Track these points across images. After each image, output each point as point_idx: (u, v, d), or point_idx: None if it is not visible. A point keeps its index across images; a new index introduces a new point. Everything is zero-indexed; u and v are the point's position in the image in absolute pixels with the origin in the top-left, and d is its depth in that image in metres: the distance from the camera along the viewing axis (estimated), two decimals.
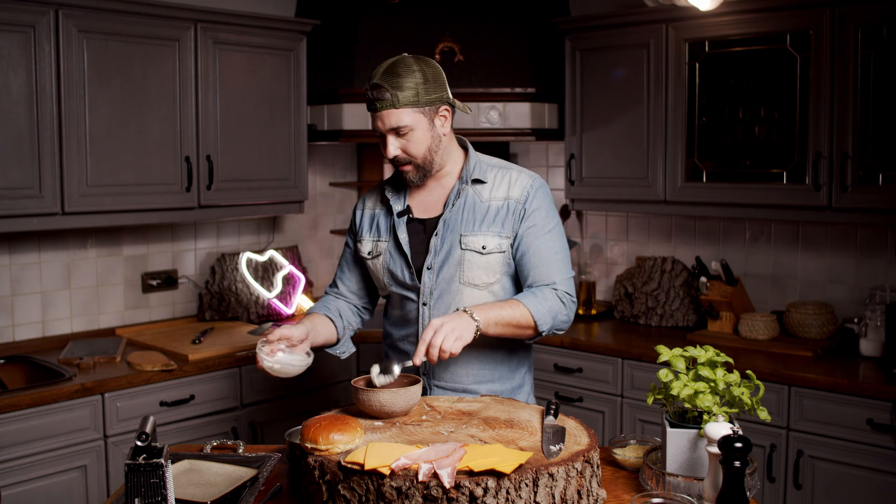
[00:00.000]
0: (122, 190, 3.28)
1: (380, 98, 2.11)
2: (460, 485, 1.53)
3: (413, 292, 2.25)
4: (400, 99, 2.10)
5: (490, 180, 2.25)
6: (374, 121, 2.16)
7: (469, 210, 2.23)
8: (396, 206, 2.28)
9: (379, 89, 2.10)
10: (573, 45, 3.85)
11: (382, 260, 2.29)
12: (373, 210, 2.36)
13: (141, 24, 3.26)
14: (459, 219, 2.22)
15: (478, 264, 2.20)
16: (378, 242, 2.31)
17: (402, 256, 2.25)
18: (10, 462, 2.80)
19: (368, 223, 2.35)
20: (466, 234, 2.21)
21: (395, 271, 2.26)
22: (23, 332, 3.44)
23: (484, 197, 2.24)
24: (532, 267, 2.20)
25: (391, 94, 2.10)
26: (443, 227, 2.22)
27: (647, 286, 3.94)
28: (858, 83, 3.09)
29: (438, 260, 2.21)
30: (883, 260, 3.45)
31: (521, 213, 2.21)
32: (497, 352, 2.26)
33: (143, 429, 1.58)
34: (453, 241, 2.21)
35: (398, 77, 2.10)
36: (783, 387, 3.09)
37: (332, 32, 4.04)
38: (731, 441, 1.51)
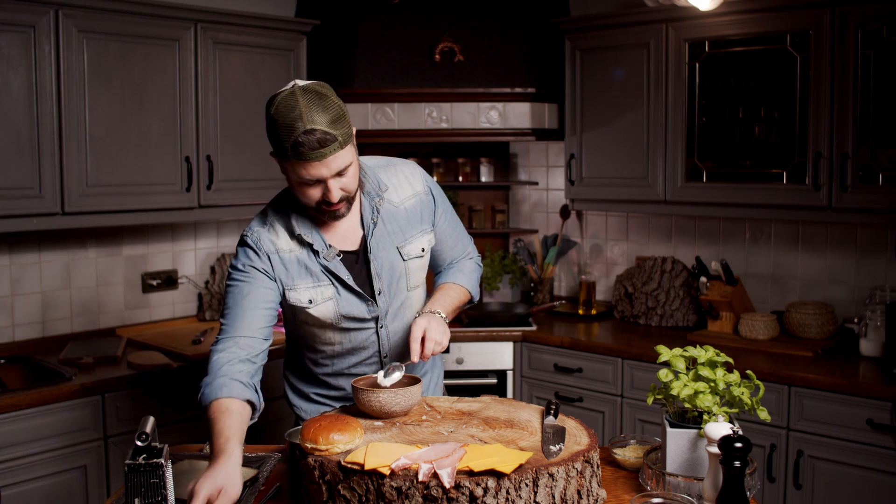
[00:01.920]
0: (122, 190, 3.28)
1: (325, 143, 1.88)
2: (460, 485, 1.53)
3: (370, 322, 2.16)
4: (342, 137, 1.91)
5: (389, 183, 2.18)
6: (310, 169, 1.91)
7: (390, 221, 2.16)
8: (320, 248, 2.08)
9: (325, 134, 1.87)
10: (573, 45, 3.85)
11: (332, 305, 2.10)
12: (290, 253, 2.09)
13: (141, 24, 3.26)
14: (385, 233, 2.14)
15: (418, 266, 2.22)
16: (318, 288, 2.09)
17: (355, 294, 2.11)
18: (10, 462, 2.80)
19: (295, 268, 2.08)
20: (402, 244, 2.17)
21: (351, 311, 2.12)
22: (23, 332, 3.44)
23: (395, 201, 2.17)
24: (451, 247, 2.34)
25: (334, 136, 1.89)
26: (377, 248, 2.13)
27: (647, 286, 3.94)
28: (858, 83, 3.09)
29: (385, 281, 2.15)
30: (883, 260, 3.45)
31: (431, 201, 2.24)
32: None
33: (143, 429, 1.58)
34: (392, 257, 2.15)
35: (328, 112, 1.89)
36: (783, 387, 3.09)
37: (332, 32, 4.04)
38: (731, 441, 1.51)
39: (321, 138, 1.88)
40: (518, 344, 3.78)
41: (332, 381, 2.27)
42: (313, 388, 2.31)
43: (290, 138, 1.88)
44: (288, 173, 2.01)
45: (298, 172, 1.94)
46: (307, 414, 2.31)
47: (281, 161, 1.99)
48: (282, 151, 1.93)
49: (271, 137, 1.95)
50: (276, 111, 1.91)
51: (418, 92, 3.94)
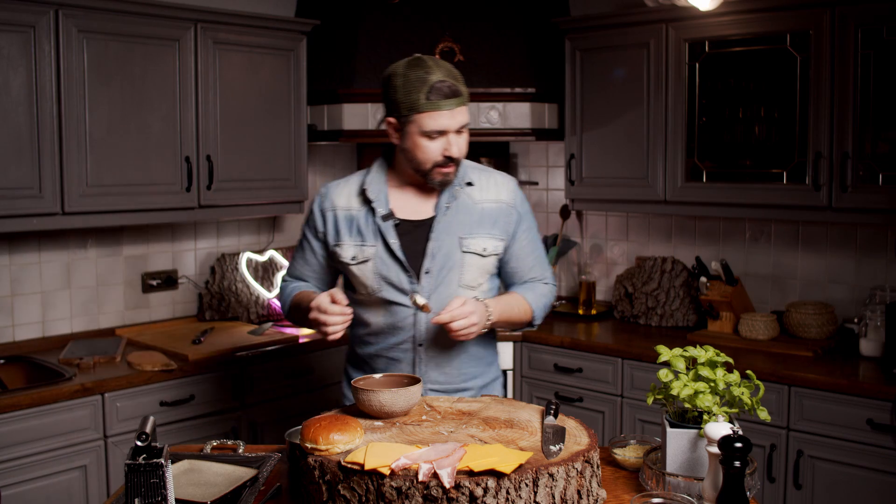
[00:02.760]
0: (122, 190, 3.28)
1: (457, 94, 2.10)
2: (460, 485, 1.53)
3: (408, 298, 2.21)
4: (466, 96, 2.13)
5: (477, 182, 2.26)
6: (440, 119, 2.10)
7: (464, 212, 2.23)
8: (380, 209, 2.22)
9: (453, 85, 2.09)
10: (573, 45, 3.85)
11: (372, 266, 2.21)
12: (348, 211, 2.26)
13: (141, 24, 3.26)
14: (455, 221, 2.21)
15: (476, 266, 2.23)
16: (363, 247, 2.22)
17: (397, 262, 2.20)
18: (10, 462, 2.80)
19: (346, 226, 2.25)
20: (465, 236, 2.21)
21: (390, 277, 2.21)
22: (23, 332, 3.44)
23: (475, 199, 2.25)
24: (529, 267, 2.33)
25: (462, 91, 2.11)
26: (439, 230, 2.21)
27: (647, 286, 3.94)
28: (858, 83, 3.09)
29: (437, 264, 2.20)
30: (883, 260, 3.45)
31: (515, 216, 2.28)
32: (478, 348, 2.32)
33: (143, 429, 1.58)
34: (451, 244, 2.21)
35: (457, 75, 2.13)
36: (783, 387, 3.09)
37: (332, 32, 4.04)
38: (731, 441, 1.51)
39: (453, 88, 2.09)
40: (518, 344, 3.78)
41: (374, 363, 2.30)
42: (359, 374, 2.33)
43: (424, 87, 2.08)
44: (409, 132, 2.14)
45: (425, 124, 2.10)
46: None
47: (405, 119, 2.13)
48: (412, 104, 2.10)
49: (398, 95, 2.12)
50: (406, 69, 2.12)
51: None
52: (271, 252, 4.10)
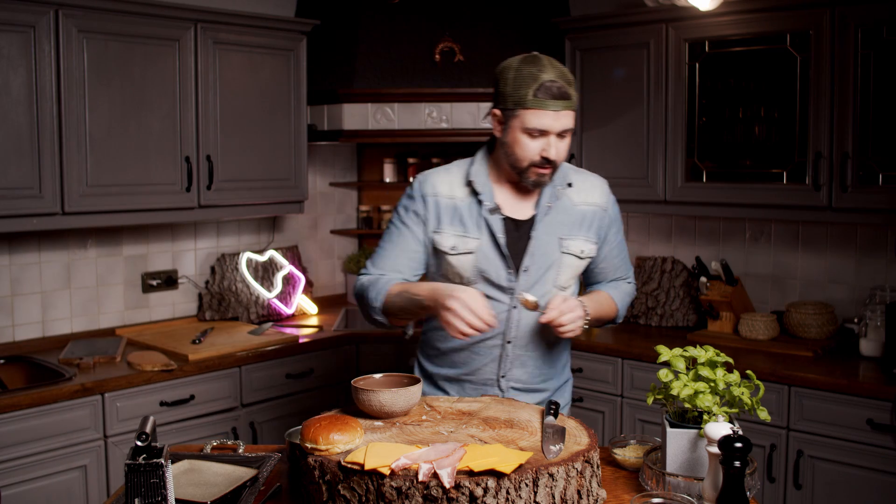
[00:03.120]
0: (122, 190, 3.28)
1: (566, 96, 2.06)
2: (460, 485, 1.53)
3: (504, 294, 2.19)
4: (575, 101, 2.09)
5: (575, 184, 2.26)
6: (543, 118, 2.06)
7: (564, 213, 2.22)
8: (487, 202, 2.18)
9: (563, 87, 2.05)
10: (573, 45, 3.85)
11: (473, 258, 2.17)
12: (451, 200, 2.20)
13: (141, 24, 3.26)
14: (556, 221, 2.21)
15: (572, 267, 2.24)
16: (465, 238, 2.17)
17: (501, 257, 2.17)
18: (10, 462, 2.80)
19: (449, 214, 2.19)
20: (565, 237, 2.21)
21: (489, 271, 2.17)
22: (23, 332, 3.44)
23: (575, 201, 2.24)
24: (616, 267, 2.37)
25: (571, 94, 2.07)
26: (540, 229, 2.19)
27: (647, 286, 3.94)
28: (858, 83, 3.09)
29: (536, 262, 2.19)
30: (883, 260, 3.45)
31: (607, 219, 2.29)
32: (556, 350, 2.33)
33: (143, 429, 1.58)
34: (551, 245, 2.20)
35: (569, 79, 2.08)
36: (783, 387, 3.09)
37: (332, 32, 4.04)
38: (731, 441, 1.51)
39: (562, 90, 2.05)
40: None
41: (457, 358, 2.27)
42: (439, 369, 2.32)
43: (534, 84, 2.04)
44: (512, 127, 2.12)
45: (528, 120, 2.07)
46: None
47: (510, 112, 2.11)
48: (519, 99, 2.07)
49: (507, 88, 2.10)
50: (521, 64, 2.08)
51: (418, 92, 3.94)
52: (271, 252, 4.10)
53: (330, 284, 4.54)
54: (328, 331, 3.80)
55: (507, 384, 2.25)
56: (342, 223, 4.58)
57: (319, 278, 4.47)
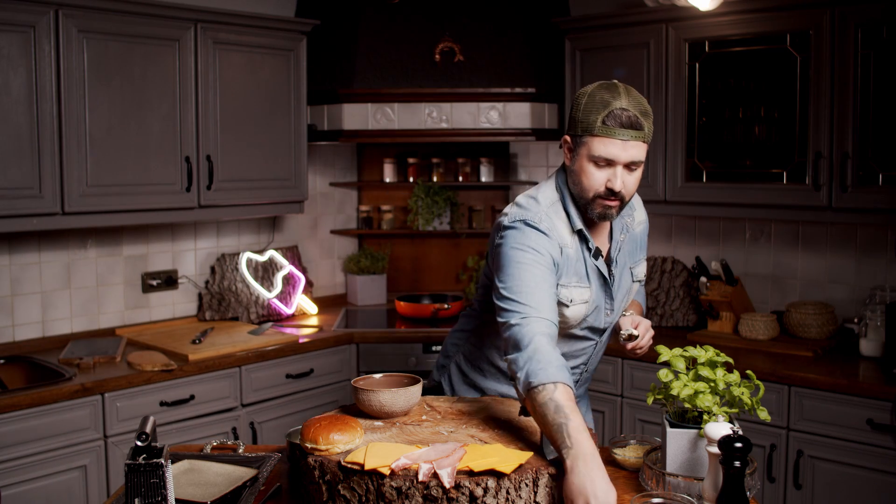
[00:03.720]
0: (122, 190, 3.28)
1: (637, 126, 1.93)
2: (460, 485, 1.53)
3: (597, 333, 2.17)
4: (647, 134, 1.96)
5: (633, 205, 2.22)
6: (611, 146, 1.94)
7: (630, 242, 2.18)
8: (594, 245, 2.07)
9: (634, 117, 1.93)
10: (573, 45, 3.85)
11: (584, 308, 2.07)
12: (569, 249, 2.04)
13: (141, 24, 3.26)
14: (625, 251, 2.17)
15: (635, 291, 2.25)
16: (580, 289, 2.05)
17: (608, 299, 2.11)
18: (10, 462, 2.80)
19: (571, 265, 2.04)
20: (633, 265, 2.20)
21: (593, 319, 2.11)
22: (23, 332, 3.44)
23: (633, 224, 2.20)
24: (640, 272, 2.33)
25: (645, 127, 1.95)
26: (620, 264, 2.14)
27: (648, 286, 3.94)
28: (858, 83, 3.09)
29: (619, 296, 2.16)
30: (883, 260, 3.45)
31: (646, 232, 2.29)
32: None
33: (143, 429, 1.58)
34: (624, 274, 2.17)
35: (646, 110, 1.96)
36: (783, 387, 3.09)
37: (332, 32, 4.04)
38: (731, 441, 1.51)
39: (633, 120, 1.93)
40: None
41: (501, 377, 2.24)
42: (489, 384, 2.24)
43: (604, 111, 1.93)
44: (580, 154, 1.99)
45: (595, 149, 1.95)
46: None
47: (578, 139, 1.99)
48: (588, 125, 1.95)
49: (579, 114, 1.98)
50: (595, 90, 1.98)
51: (418, 92, 3.94)
52: (271, 252, 4.10)
53: (330, 284, 4.54)
54: (328, 331, 3.80)
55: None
56: (342, 223, 4.58)
57: (319, 278, 4.47)
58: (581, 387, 2.31)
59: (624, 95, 1.95)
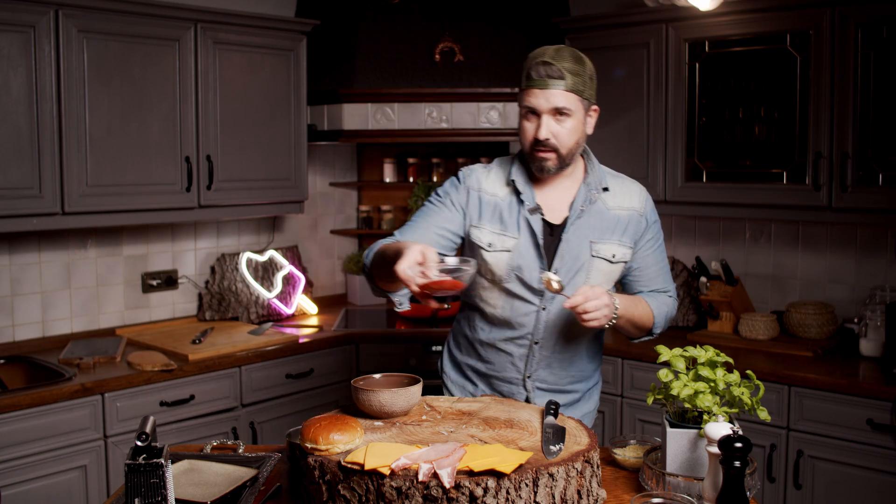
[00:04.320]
0: (122, 190, 3.28)
1: (550, 75, 2.06)
2: (460, 485, 1.53)
3: (534, 294, 2.19)
4: (569, 81, 2.07)
5: (612, 189, 2.25)
6: (533, 97, 2.09)
7: (597, 217, 2.21)
8: (528, 202, 2.18)
9: (550, 66, 2.06)
10: (573, 46, 3.84)
11: (509, 256, 2.17)
12: (494, 197, 2.21)
13: (141, 24, 3.26)
14: (588, 225, 2.20)
15: (603, 272, 2.22)
16: (503, 236, 2.18)
17: (538, 258, 2.17)
18: (10, 462, 2.80)
19: (490, 211, 2.20)
20: (596, 241, 2.20)
21: (523, 271, 2.17)
22: (23, 332, 3.44)
23: (609, 205, 2.23)
24: (653, 277, 2.32)
25: (561, 74, 2.06)
26: (572, 232, 2.19)
27: None
28: (858, 83, 3.09)
29: (566, 265, 2.18)
30: (883, 260, 3.45)
31: (643, 224, 2.27)
32: (589, 352, 2.33)
33: (143, 429, 1.58)
34: (582, 248, 2.19)
35: (569, 62, 2.08)
36: (783, 387, 3.09)
37: (332, 32, 4.04)
38: (731, 441, 1.51)
39: (551, 70, 2.06)
40: None
41: (483, 352, 2.29)
42: (466, 358, 2.34)
43: (528, 66, 2.10)
44: (519, 114, 2.17)
45: (523, 101, 2.12)
46: (453, 384, 2.38)
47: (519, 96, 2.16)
48: (520, 83, 2.14)
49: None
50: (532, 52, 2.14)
51: (418, 92, 3.94)
52: (271, 252, 4.10)
53: (330, 284, 4.54)
54: (328, 331, 3.80)
55: (533, 384, 2.26)
56: (342, 223, 4.58)
57: (319, 278, 4.47)
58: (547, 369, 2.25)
59: (551, 51, 2.09)
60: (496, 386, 2.29)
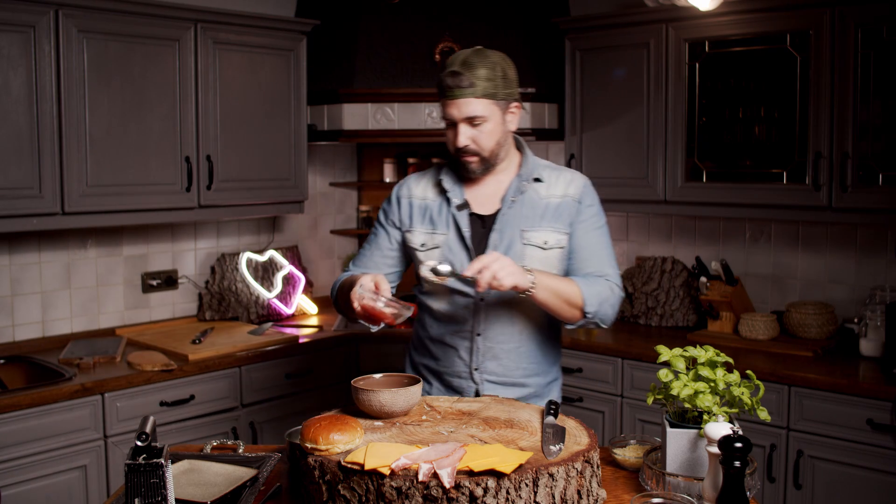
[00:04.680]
0: (122, 190, 3.28)
1: (458, 85, 2.11)
2: (460, 485, 1.53)
3: (470, 287, 2.21)
4: (479, 88, 2.12)
5: (546, 179, 2.28)
6: (447, 108, 2.16)
7: (528, 206, 2.25)
8: (455, 199, 2.26)
9: (458, 76, 2.11)
10: (573, 45, 3.85)
11: (439, 253, 2.25)
12: (423, 200, 2.31)
13: (141, 24, 3.26)
14: (519, 214, 2.24)
15: (538, 259, 2.23)
16: (433, 234, 2.27)
17: (465, 250, 2.23)
18: (10, 462, 2.80)
19: (420, 213, 2.30)
20: (527, 229, 2.23)
21: (454, 265, 2.22)
22: (23, 332, 3.44)
23: (542, 194, 2.26)
24: (585, 259, 2.27)
25: (470, 83, 2.11)
26: (502, 222, 2.23)
27: (647, 286, 3.94)
28: (858, 83, 3.09)
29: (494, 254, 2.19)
30: (883, 260, 3.45)
31: (577, 208, 2.27)
32: (542, 346, 2.32)
33: (143, 429, 1.58)
34: (513, 237, 2.22)
35: (477, 67, 2.12)
36: (783, 387, 3.09)
37: (332, 32, 4.04)
38: (731, 441, 1.51)
39: (458, 80, 2.11)
40: None
41: (433, 349, 2.33)
42: (421, 358, 2.40)
43: (441, 75, 2.15)
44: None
45: (442, 112, 2.20)
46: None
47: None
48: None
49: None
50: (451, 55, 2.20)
51: (418, 92, 3.94)
52: (271, 252, 4.10)
53: (330, 284, 4.51)
54: (328, 331, 3.80)
55: (482, 377, 2.27)
56: (342, 223, 4.58)
57: (319, 278, 4.47)
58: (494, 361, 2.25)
59: (461, 59, 2.14)
60: (448, 382, 2.32)
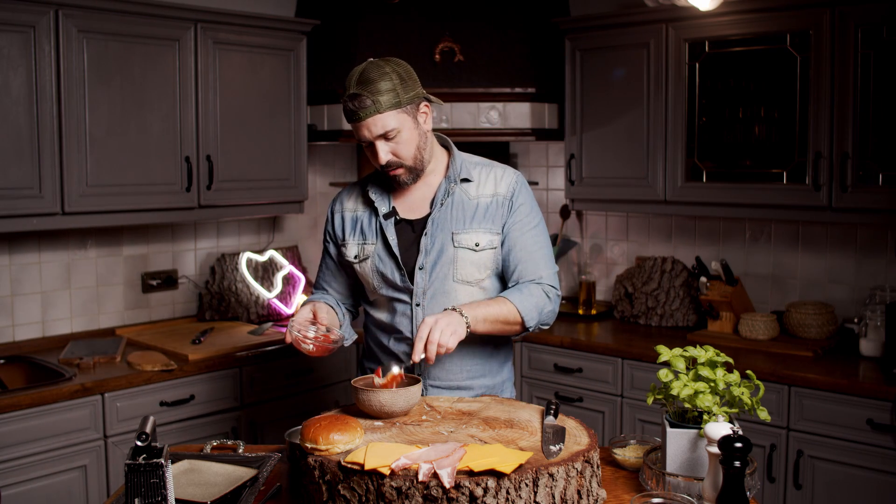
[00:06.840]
0: (122, 190, 3.28)
1: (362, 107, 2.09)
2: (460, 485, 1.53)
3: (405, 294, 2.24)
4: (382, 103, 2.10)
5: (476, 178, 2.27)
6: (358, 131, 2.15)
7: (458, 208, 2.24)
8: (382, 208, 2.26)
9: (358, 98, 2.09)
10: (573, 45, 3.85)
11: (371, 263, 2.26)
12: (354, 212, 2.33)
13: (141, 24, 3.26)
14: (449, 217, 2.23)
15: (471, 261, 2.22)
16: (364, 245, 2.28)
17: (393, 258, 2.23)
18: (10, 462, 2.80)
19: (351, 226, 2.32)
20: (458, 231, 2.22)
21: (386, 273, 2.24)
22: (23, 332, 3.44)
23: (471, 195, 2.25)
24: (518, 262, 2.24)
25: (371, 101, 2.09)
26: (432, 226, 2.22)
27: (647, 286, 3.94)
28: (858, 83, 3.09)
29: (430, 259, 2.21)
30: (883, 260, 3.45)
31: (508, 206, 2.25)
32: (486, 347, 2.30)
33: (143, 429, 1.58)
34: (444, 240, 2.22)
35: (373, 82, 2.10)
36: (783, 387, 3.09)
37: (332, 32, 4.04)
38: (731, 441, 1.51)
39: (358, 102, 2.09)
40: (518, 344, 3.78)
41: (379, 355, 2.35)
42: (369, 363, 2.41)
43: (343, 100, 2.13)
44: None
45: (355, 135, 2.18)
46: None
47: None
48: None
49: None
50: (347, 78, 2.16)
51: None
52: (271, 252, 4.10)
53: None
54: None
55: (427, 382, 2.27)
56: None
57: None
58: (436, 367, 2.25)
59: (355, 79, 2.11)
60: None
